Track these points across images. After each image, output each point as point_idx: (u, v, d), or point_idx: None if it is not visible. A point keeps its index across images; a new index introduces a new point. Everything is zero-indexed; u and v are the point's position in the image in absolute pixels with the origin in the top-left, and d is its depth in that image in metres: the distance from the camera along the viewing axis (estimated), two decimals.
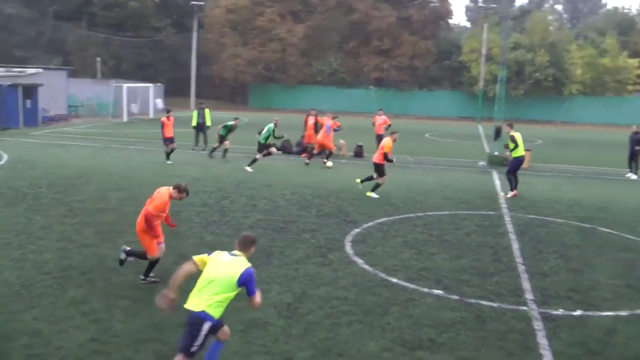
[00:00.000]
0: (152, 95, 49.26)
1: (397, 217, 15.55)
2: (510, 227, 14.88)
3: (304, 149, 26.58)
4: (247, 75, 63.17)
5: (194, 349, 6.44)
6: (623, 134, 24.80)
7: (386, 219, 15.28)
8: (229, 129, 24.59)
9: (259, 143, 22.35)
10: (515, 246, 13.21)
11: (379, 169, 18.09)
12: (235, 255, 6.68)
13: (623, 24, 69.98)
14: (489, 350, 8.16)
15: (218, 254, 6.72)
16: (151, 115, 47.12)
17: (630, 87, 60.91)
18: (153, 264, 10.12)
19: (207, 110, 27.95)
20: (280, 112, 54.36)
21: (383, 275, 10.97)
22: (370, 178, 18.36)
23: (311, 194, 18.08)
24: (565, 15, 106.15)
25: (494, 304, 9.75)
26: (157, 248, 10.09)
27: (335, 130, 24.38)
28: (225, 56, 62.82)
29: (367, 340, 8.27)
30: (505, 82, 31.88)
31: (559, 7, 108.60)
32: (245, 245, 6.77)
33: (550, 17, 73.60)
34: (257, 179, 20.07)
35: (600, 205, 18.13)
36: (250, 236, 6.88)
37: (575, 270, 11.84)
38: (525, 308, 9.68)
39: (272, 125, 22.56)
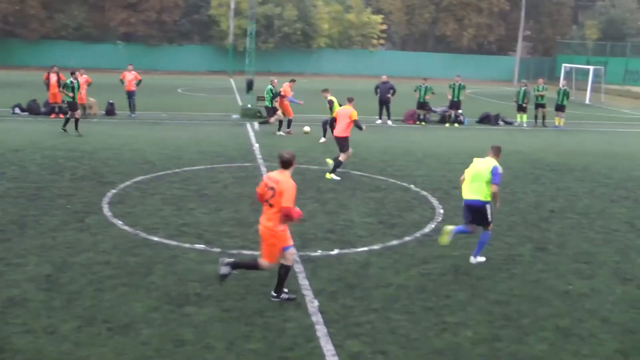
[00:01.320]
0: None
1: (154, 174, 15.18)
2: None
3: (51, 110, 24.89)
4: None
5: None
6: (369, 83, 26.33)
7: (143, 177, 14.84)
8: None
9: (266, 107, 22.71)
10: None
11: (344, 143, 15.63)
12: None
13: None
14: (254, 297, 8.32)
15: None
16: None
17: (374, 42, 64.89)
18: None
19: None
20: (23, 69, 50.26)
21: (144, 234, 10.67)
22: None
23: (64, 156, 16.98)
24: None
25: (256, 253, 9.88)
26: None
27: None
28: None
29: (133, 303, 8.01)
30: (255, 36, 32.20)
31: None
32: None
33: None
34: (2, 144, 18.37)
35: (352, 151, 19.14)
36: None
37: (331, 212, 12.46)
38: None
39: (270, 86, 22.75)
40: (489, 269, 9.87)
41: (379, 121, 25.96)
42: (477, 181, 9.91)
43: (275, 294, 8.29)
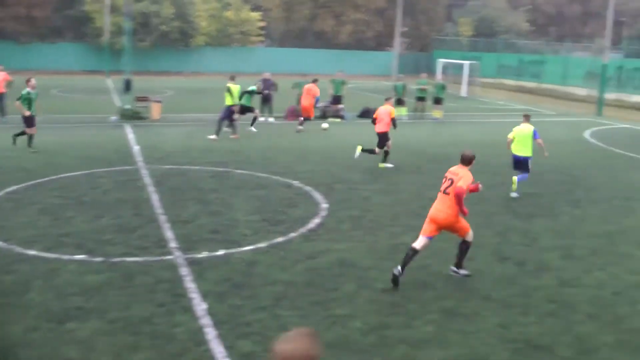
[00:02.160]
0: None
1: (29, 183, 14.41)
2: (148, 180, 14.83)
3: None
4: None
5: None
6: (250, 81, 26.13)
7: (17, 186, 14.05)
8: None
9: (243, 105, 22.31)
10: (154, 198, 13.21)
11: (385, 138, 17.27)
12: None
13: None
14: (139, 305, 8.07)
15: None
16: None
17: (253, 39, 64.64)
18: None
19: None
20: None
21: (19, 249, 10.08)
22: (372, 151, 17.35)
23: None
24: None
25: (140, 259, 9.65)
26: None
27: None
28: None
29: (10, 325, 7.52)
30: (132, 34, 31.29)
31: None
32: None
33: None
34: None
35: (233, 149, 19.03)
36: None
37: (214, 212, 12.30)
38: (171, 257, 9.78)
39: (254, 87, 22.90)
40: (375, 259, 10.06)
41: (262, 119, 25.90)
42: (522, 140, 14.88)
43: (455, 269, 9.51)
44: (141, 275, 9.00)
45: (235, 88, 21.25)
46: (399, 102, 28.87)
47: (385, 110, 17.57)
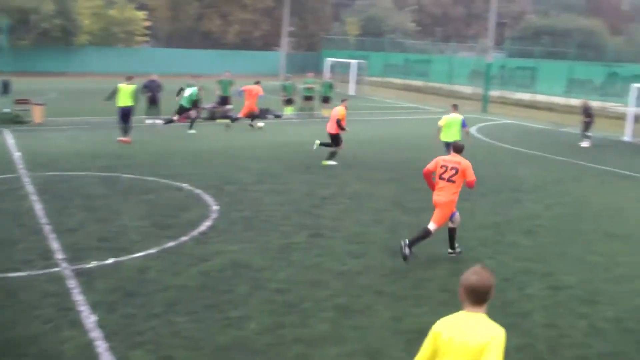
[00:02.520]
0: None
1: None
2: (30, 188, 14.13)
3: None
4: None
5: None
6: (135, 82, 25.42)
7: None
8: None
9: (181, 106, 22.92)
10: (38, 207, 12.61)
11: (336, 139, 17.88)
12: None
13: None
14: (24, 324, 7.63)
15: None
16: None
17: (138, 39, 63.06)
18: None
19: None
20: None
21: None
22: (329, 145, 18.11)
23: None
24: None
25: (23, 273, 9.17)
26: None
27: None
28: None
29: None
30: (9, 31, 29.75)
31: None
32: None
33: None
34: None
35: (121, 153, 18.52)
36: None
37: (102, 219, 11.90)
38: (57, 269, 9.36)
39: (196, 89, 23.03)
40: (268, 259, 10.06)
41: (149, 121, 25.31)
42: (451, 127, 16.90)
43: (451, 250, 10.59)
44: (25, 291, 8.54)
45: (127, 89, 20.48)
46: (288, 102, 29.06)
47: (336, 112, 17.94)
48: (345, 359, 7.08)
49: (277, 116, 29.20)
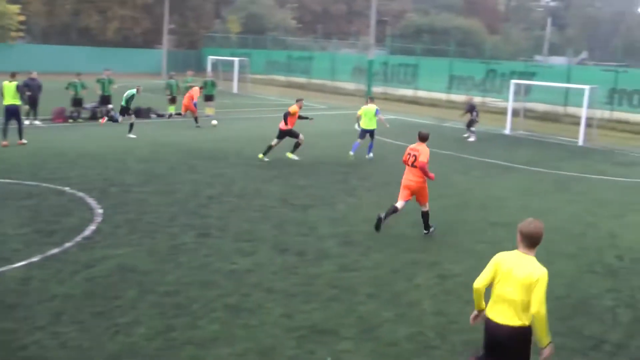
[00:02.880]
0: None
1: None
2: None
3: None
4: None
5: None
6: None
7: None
8: None
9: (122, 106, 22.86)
10: None
11: (290, 133, 18.61)
12: None
13: None
14: None
15: None
16: None
17: (13, 34, 60.02)
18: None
19: None
20: None
21: None
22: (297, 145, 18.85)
23: None
24: None
25: None
26: None
27: None
28: None
29: None
30: None
31: None
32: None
33: None
34: None
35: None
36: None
37: None
38: None
39: (134, 90, 22.98)
40: (155, 262, 9.93)
41: (27, 122, 24.25)
42: (368, 117, 19.71)
43: (426, 231, 12.05)
44: None
45: (11, 86, 19.38)
46: (172, 101, 28.62)
47: (290, 109, 18.84)
48: (237, 359, 7.14)
49: (160, 115, 28.72)
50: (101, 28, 62.97)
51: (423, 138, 11.90)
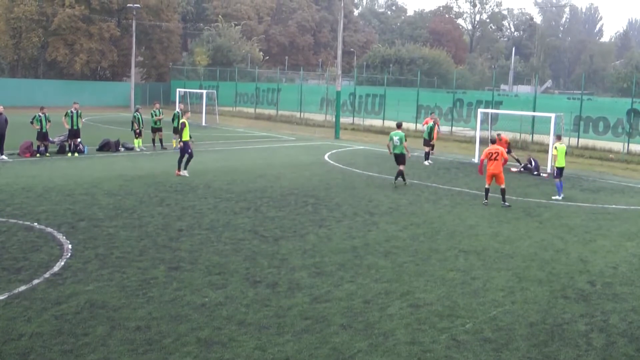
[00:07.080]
0: None
1: None
2: None
3: None
4: None
5: None
6: None
7: None
8: None
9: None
10: None
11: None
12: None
13: None
14: None
15: None
16: None
17: None
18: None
19: None
20: None
21: None
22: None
23: None
24: None
25: None
26: None
27: None
28: None
29: None
30: None
31: None
32: None
33: None
34: None
35: None
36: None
37: None
38: None
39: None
40: (125, 297, 9.80)
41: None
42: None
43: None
44: None
45: None
46: (136, 134, 28.51)
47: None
48: None
49: (129, 148, 28.57)
50: (69, 61, 62.67)
51: (499, 142, 19.51)
